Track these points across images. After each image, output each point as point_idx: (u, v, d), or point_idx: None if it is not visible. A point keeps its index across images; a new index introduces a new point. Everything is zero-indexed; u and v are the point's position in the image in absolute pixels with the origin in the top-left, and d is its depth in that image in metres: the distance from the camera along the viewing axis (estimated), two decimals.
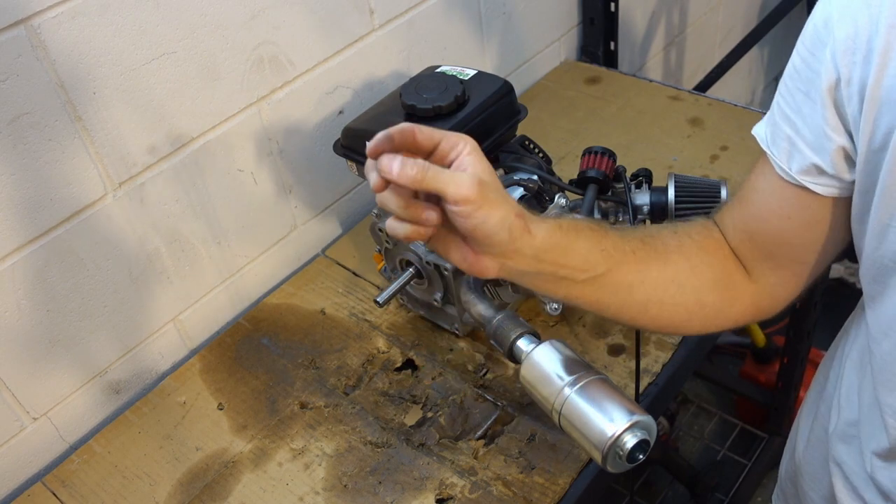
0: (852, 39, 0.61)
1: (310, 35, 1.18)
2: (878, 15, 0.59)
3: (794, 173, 0.69)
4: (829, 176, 0.68)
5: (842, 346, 0.86)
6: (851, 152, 0.65)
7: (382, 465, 1.00)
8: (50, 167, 0.95)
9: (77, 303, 1.04)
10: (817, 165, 0.67)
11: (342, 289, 1.26)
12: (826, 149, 0.66)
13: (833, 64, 0.62)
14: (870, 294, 0.70)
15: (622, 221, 1.02)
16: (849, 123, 0.64)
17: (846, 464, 0.82)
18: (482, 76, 1.04)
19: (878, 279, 0.67)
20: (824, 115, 0.65)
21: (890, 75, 0.59)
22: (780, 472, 1.05)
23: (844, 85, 0.62)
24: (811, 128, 0.67)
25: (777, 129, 0.71)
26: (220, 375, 1.15)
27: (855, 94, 0.62)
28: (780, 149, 0.70)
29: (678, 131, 1.46)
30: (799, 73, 0.67)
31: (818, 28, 0.64)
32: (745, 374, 2.11)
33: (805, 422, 0.94)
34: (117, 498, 1.02)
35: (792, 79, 0.68)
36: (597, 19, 1.68)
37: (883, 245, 0.64)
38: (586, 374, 0.73)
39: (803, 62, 0.66)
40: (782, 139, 0.70)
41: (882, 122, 0.60)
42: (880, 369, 0.71)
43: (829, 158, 0.66)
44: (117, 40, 0.96)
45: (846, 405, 0.82)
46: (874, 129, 0.61)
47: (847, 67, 0.62)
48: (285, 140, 1.22)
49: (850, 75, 0.62)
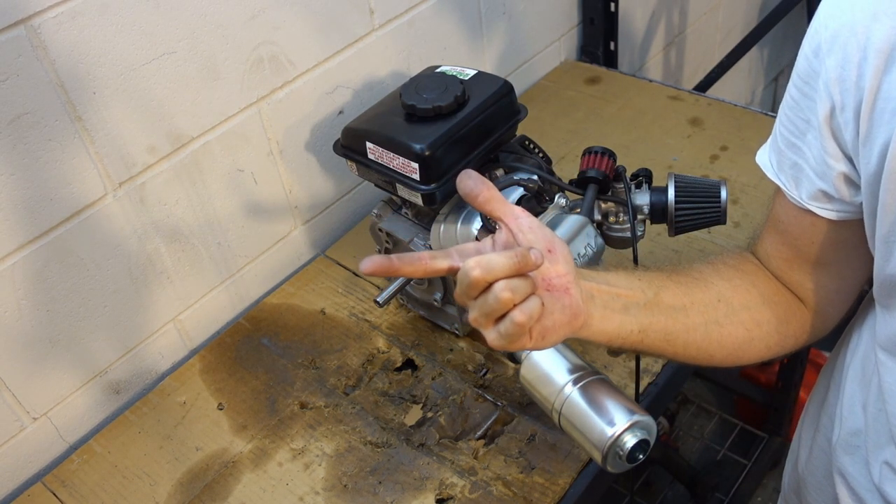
0: (842, 67, 0.62)
1: (310, 35, 1.18)
2: (865, 42, 0.60)
3: (805, 200, 0.70)
4: (836, 201, 0.69)
5: (842, 356, 0.86)
6: (854, 177, 0.66)
7: (382, 465, 1.00)
8: (50, 167, 0.95)
9: (77, 303, 1.04)
10: (824, 191, 0.68)
11: (342, 289, 1.26)
12: (829, 175, 0.67)
13: (827, 93, 0.64)
14: (883, 304, 0.71)
15: (622, 221, 1.02)
16: (847, 149, 0.65)
17: (850, 474, 0.82)
18: (482, 76, 1.04)
19: (893, 294, 0.68)
20: (823, 145, 0.66)
21: (882, 98, 0.60)
22: (783, 483, 1.04)
23: (839, 112, 0.63)
24: (815, 155, 0.68)
25: (783, 157, 0.72)
26: (220, 375, 1.15)
27: (850, 119, 0.63)
28: (787, 176, 0.71)
29: (678, 131, 1.46)
30: (797, 102, 0.68)
31: (809, 59, 0.66)
32: (745, 373, 2.10)
33: (807, 432, 0.94)
34: (117, 498, 1.02)
35: (791, 109, 0.69)
36: (597, 19, 1.68)
37: (889, 262, 0.65)
38: (586, 374, 0.73)
39: (799, 92, 0.67)
40: (789, 166, 0.71)
41: (876, 143, 0.61)
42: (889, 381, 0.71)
43: (833, 185, 0.67)
44: (117, 40, 0.96)
45: (848, 415, 0.82)
46: (870, 152, 0.62)
47: (840, 95, 0.63)
48: (285, 140, 1.22)
49: (843, 102, 0.63)
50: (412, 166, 0.96)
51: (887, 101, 0.60)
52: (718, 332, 0.75)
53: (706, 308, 0.75)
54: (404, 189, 0.99)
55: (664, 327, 0.72)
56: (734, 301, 0.76)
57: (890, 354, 0.71)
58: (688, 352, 0.75)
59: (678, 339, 0.73)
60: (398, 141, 0.97)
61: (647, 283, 0.72)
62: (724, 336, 0.76)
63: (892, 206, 0.62)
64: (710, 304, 0.75)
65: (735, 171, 1.35)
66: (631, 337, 0.70)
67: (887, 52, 0.59)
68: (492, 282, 0.58)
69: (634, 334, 0.70)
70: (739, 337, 0.77)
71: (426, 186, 0.97)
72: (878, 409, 0.75)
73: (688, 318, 0.74)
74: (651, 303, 0.71)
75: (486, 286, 0.59)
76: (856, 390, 0.81)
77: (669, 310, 0.72)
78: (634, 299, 0.70)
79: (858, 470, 0.80)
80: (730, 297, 0.76)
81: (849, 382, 0.82)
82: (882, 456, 0.76)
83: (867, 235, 0.69)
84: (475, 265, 0.58)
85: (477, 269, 0.58)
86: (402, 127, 0.98)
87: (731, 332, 0.76)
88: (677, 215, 0.98)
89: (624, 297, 0.69)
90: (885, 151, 0.60)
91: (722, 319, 0.75)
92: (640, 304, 0.70)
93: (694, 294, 0.75)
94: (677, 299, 0.73)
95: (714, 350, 0.76)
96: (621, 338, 0.70)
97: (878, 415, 0.75)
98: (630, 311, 0.69)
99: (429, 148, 0.95)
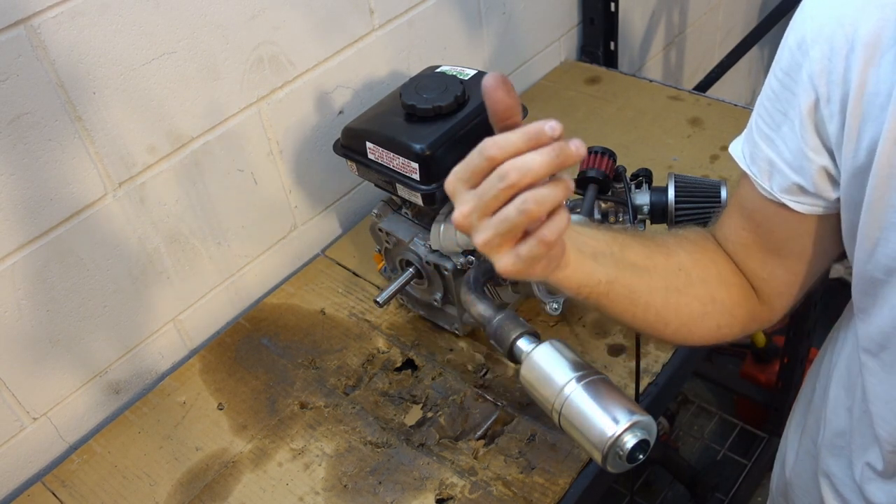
0: (828, 59, 0.61)
1: (310, 35, 1.18)
2: (853, 34, 0.60)
3: (776, 192, 0.70)
4: (811, 195, 0.68)
5: (828, 356, 0.86)
6: (833, 172, 0.66)
7: (382, 465, 1.00)
8: (50, 167, 0.95)
9: (77, 303, 1.04)
10: (799, 185, 0.68)
11: (342, 289, 1.26)
12: (807, 169, 0.67)
13: (811, 85, 0.63)
14: (861, 307, 0.70)
15: (622, 221, 1.02)
16: (830, 143, 0.64)
17: (835, 475, 0.82)
18: (482, 76, 1.04)
19: (870, 292, 0.68)
20: (804, 137, 0.65)
21: (870, 91, 0.59)
22: (771, 485, 1.04)
23: (824, 104, 0.63)
24: (791, 148, 0.67)
25: (756, 149, 0.71)
26: (220, 375, 1.15)
27: (836, 112, 0.62)
28: (760, 169, 0.71)
29: (678, 131, 1.46)
30: (776, 94, 0.67)
31: (793, 51, 0.65)
32: (745, 374, 2.10)
33: (794, 435, 0.94)
34: (117, 498, 1.02)
35: (770, 100, 0.68)
36: (597, 19, 1.68)
37: (873, 259, 0.65)
38: (586, 373, 0.73)
39: (780, 84, 0.67)
40: (762, 159, 0.70)
41: (865, 137, 0.60)
42: (872, 382, 0.71)
43: (811, 179, 0.67)
44: (117, 40, 0.96)
45: (833, 417, 0.82)
46: (857, 146, 0.61)
47: (825, 87, 0.62)
48: (285, 140, 1.22)
49: (829, 94, 0.62)
50: (412, 166, 0.96)
51: (876, 95, 0.59)
52: (676, 300, 0.75)
53: (668, 274, 0.74)
54: (404, 189, 0.99)
55: (629, 283, 0.71)
56: (693, 273, 0.76)
57: (871, 356, 0.70)
58: (647, 316, 0.74)
59: (640, 299, 0.72)
60: (398, 141, 0.97)
61: (611, 238, 0.71)
62: (682, 305, 0.75)
63: (879, 202, 0.61)
64: (672, 271, 0.75)
65: (735, 171, 1.32)
66: (599, 287, 0.67)
67: (875, 45, 0.59)
68: (518, 189, 0.50)
69: (602, 285, 0.68)
70: (694, 310, 0.76)
71: (426, 186, 0.97)
72: (862, 410, 0.75)
73: (651, 280, 0.73)
74: (616, 256, 0.70)
75: (507, 198, 0.52)
76: (840, 392, 0.81)
77: (634, 268, 0.71)
78: (601, 249, 0.69)
79: (843, 470, 0.80)
80: (689, 269, 0.76)
81: (834, 384, 0.82)
82: (865, 457, 0.76)
83: (843, 230, 0.68)
84: (509, 167, 0.50)
85: (513, 172, 0.50)
86: (402, 127, 0.98)
87: (688, 304, 0.76)
88: (677, 215, 0.98)
89: (592, 245, 0.68)
90: (874, 146, 0.59)
91: (682, 288, 0.75)
92: (606, 254, 0.69)
93: (656, 258, 0.74)
94: (641, 260, 0.72)
95: (670, 318, 0.76)
96: (589, 287, 0.67)
97: (863, 416, 0.75)
98: (598, 260, 0.68)
99: (429, 148, 0.95)
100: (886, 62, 0.58)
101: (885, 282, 0.65)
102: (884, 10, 0.58)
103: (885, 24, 0.58)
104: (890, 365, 0.69)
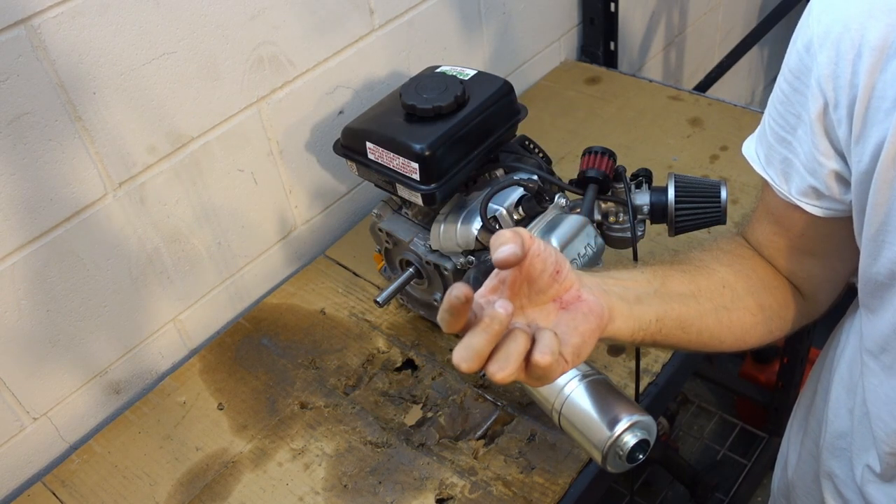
0: (835, 64, 0.61)
1: (310, 35, 1.18)
2: (860, 39, 0.60)
3: (794, 195, 0.70)
4: (826, 198, 0.68)
5: (830, 359, 0.86)
6: (846, 175, 0.66)
7: (382, 465, 1.00)
8: (50, 167, 0.95)
9: (77, 303, 1.04)
10: (814, 188, 0.68)
11: (342, 289, 1.26)
12: (819, 173, 0.67)
13: (819, 89, 0.63)
14: (868, 307, 0.71)
15: (622, 221, 1.02)
16: (840, 147, 0.64)
17: (837, 477, 0.82)
18: (482, 76, 1.04)
19: (875, 294, 0.68)
20: (814, 142, 0.65)
21: (876, 96, 0.59)
22: (772, 486, 1.04)
23: (832, 109, 0.63)
24: (805, 151, 0.67)
25: (772, 151, 0.71)
26: (220, 375, 1.15)
27: (844, 117, 0.62)
28: (776, 171, 0.71)
29: (678, 131, 1.46)
30: (788, 97, 0.67)
31: (801, 53, 0.65)
32: (745, 374, 2.10)
33: (795, 436, 0.94)
34: (117, 498, 1.02)
35: (781, 103, 0.68)
36: (597, 19, 1.68)
37: (877, 262, 0.65)
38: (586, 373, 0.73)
39: (790, 87, 0.67)
40: (778, 161, 0.70)
41: (869, 142, 0.60)
42: (872, 384, 0.71)
43: (824, 182, 0.67)
44: (117, 40, 0.96)
45: (834, 418, 0.82)
46: (863, 150, 0.61)
47: (833, 92, 0.62)
48: (285, 140, 1.22)
49: (836, 99, 0.62)
50: (412, 166, 0.96)
51: (882, 100, 0.59)
52: (728, 317, 0.75)
53: (713, 294, 0.74)
54: (404, 189, 0.99)
55: (679, 314, 0.71)
56: (738, 287, 0.76)
57: (874, 357, 0.71)
58: (701, 338, 0.74)
59: (692, 326, 0.72)
60: (398, 141, 0.97)
61: (650, 275, 0.71)
62: (734, 321, 0.75)
63: (882, 206, 0.61)
64: (717, 290, 0.75)
65: (735, 171, 1.35)
66: (650, 327, 0.68)
67: (882, 50, 0.58)
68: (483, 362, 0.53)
69: (653, 324, 0.68)
70: (746, 322, 0.76)
71: (426, 186, 0.97)
72: (863, 412, 0.75)
73: (699, 304, 0.73)
74: (660, 291, 0.70)
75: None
76: (842, 393, 0.81)
77: (680, 297, 0.71)
78: (644, 289, 0.69)
79: (844, 471, 0.80)
80: (733, 283, 0.76)
81: (835, 385, 0.82)
82: (865, 459, 0.76)
83: (855, 233, 0.68)
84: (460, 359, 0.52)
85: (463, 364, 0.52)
86: (402, 127, 0.98)
87: (739, 318, 0.76)
88: (677, 215, 0.98)
89: (633, 288, 0.68)
90: (879, 151, 0.60)
91: (729, 304, 0.75)
92: (650, 293, 0.69)
93: (699, 281, 0.74)
94: (684, 287, 0.72)
95: (724, 335, 0.76)
96: (643, 330, 0.67)
97: (864, 418, 0.75)
98: (644, 301, 0.68)
99: (429, 148, 0.95)
100: (893, 67, 0.58)
101: (888, 285, 0.65)
102: (891, 14, 0.58)
103: (892, 29, 0.58)
104: (889, 367, 0.69)
